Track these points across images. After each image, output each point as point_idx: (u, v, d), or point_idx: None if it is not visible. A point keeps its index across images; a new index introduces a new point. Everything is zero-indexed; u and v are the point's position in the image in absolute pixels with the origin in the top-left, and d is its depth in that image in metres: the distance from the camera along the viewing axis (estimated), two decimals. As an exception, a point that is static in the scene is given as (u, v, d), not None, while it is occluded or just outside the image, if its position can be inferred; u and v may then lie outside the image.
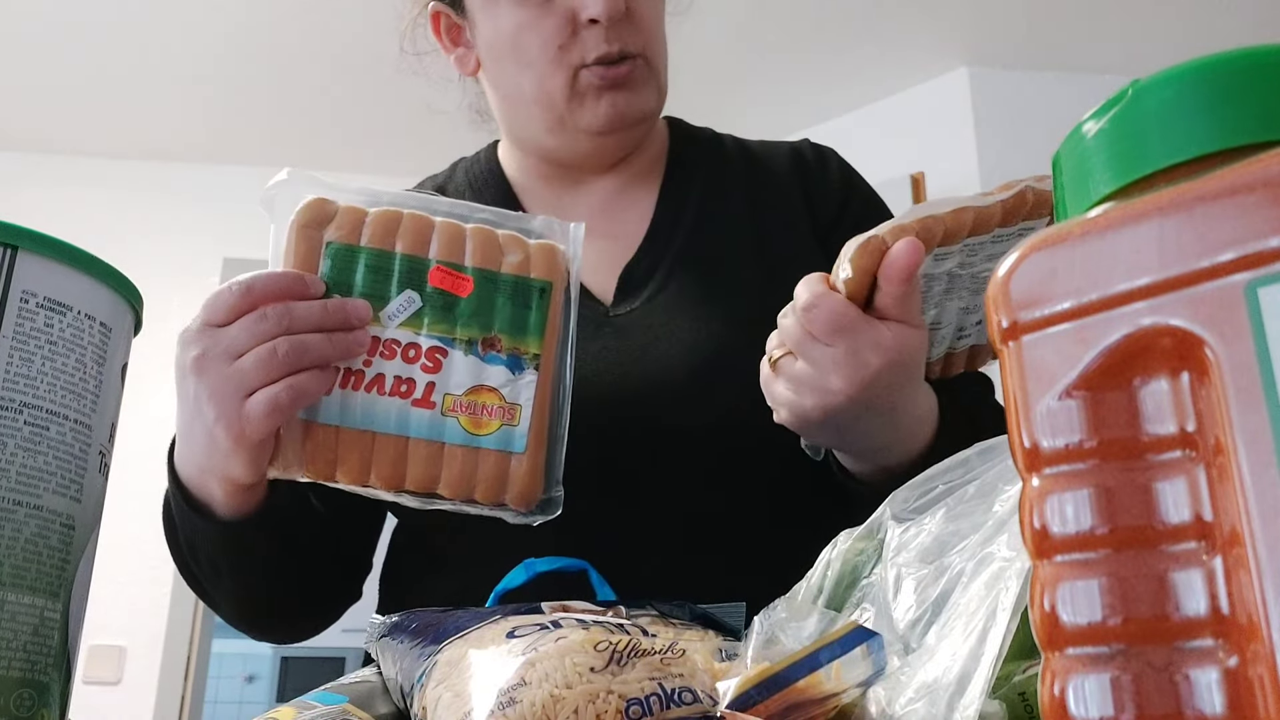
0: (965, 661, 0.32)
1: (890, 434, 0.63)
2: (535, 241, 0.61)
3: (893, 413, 0.62)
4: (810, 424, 0.62)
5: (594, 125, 0.83)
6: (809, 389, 0.60)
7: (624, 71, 0.81)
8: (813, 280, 0.60)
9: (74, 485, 0.38)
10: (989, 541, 0.38)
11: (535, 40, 0.81)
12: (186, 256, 3.40)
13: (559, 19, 0.80)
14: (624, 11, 0.80)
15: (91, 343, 0.40)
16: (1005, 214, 0.59)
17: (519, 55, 0.83)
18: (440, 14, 0.89)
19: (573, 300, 0.62)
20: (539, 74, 0.82)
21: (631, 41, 0.81)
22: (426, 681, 0.40)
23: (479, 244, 0.60)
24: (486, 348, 0.59)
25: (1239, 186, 0.22)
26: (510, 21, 0.82)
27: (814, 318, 0.59)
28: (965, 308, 0.67)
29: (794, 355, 0.61)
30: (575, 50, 0.81)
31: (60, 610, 0.37)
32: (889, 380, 0.59)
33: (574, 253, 0.62)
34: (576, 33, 0.80)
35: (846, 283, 0.58)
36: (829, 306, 0.58)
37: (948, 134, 2.96)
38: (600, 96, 0.82)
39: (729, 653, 0.40)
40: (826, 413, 0.60)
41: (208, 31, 2.86)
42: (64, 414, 0.38)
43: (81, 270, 0.40)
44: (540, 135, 0.86)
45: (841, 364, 0.58)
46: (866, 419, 0.61)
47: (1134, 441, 0.23)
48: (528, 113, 0.85)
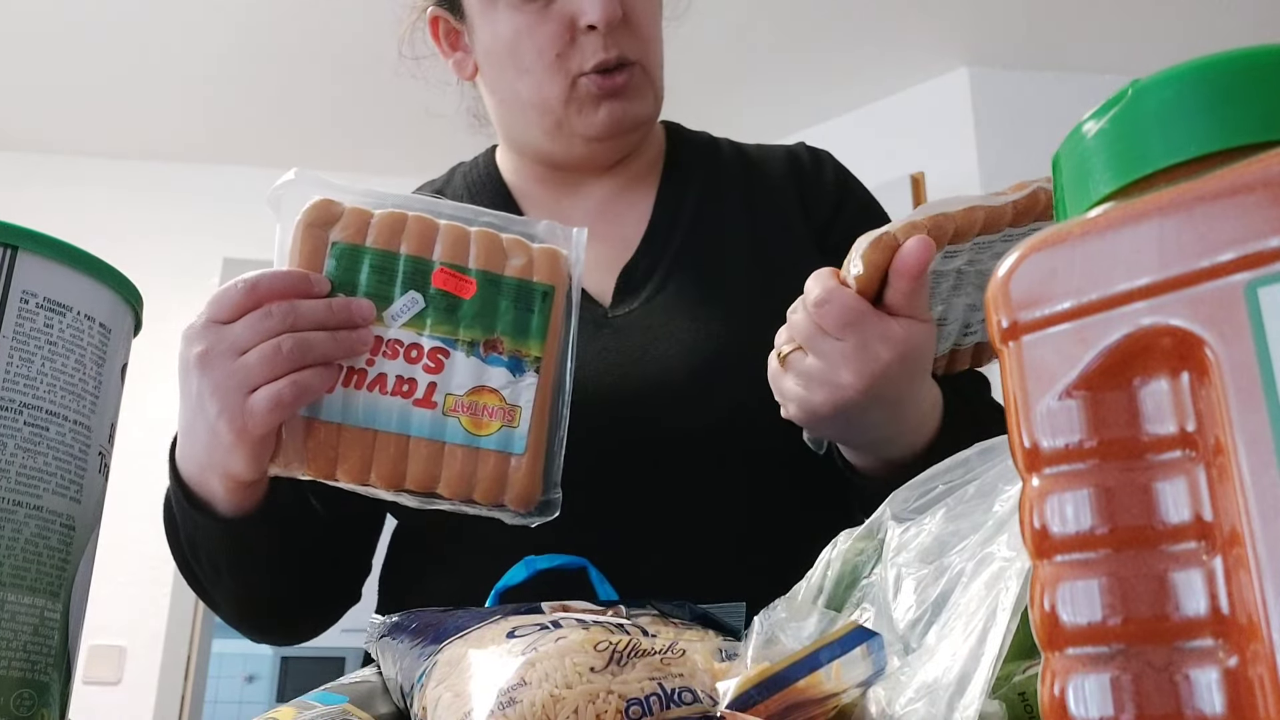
0: (965, 661, 0.32)
1: (895, 427, 0.64)
2: (539, 246, 0.62)
3: (899, 406, 0.62)
4: (819, 418, 0.62)
5: (591, 132, 0.83)
6: (819, 383, 0.61)
7: (621, 81, 0.82)
8: (823, 275, 0.61)
9: (74, 485, 0.38)
10: (989, 541, 0.38)
11: (533, 46, 0.81)
12: (186, 256, 3.40)
13: (557, 25, 0.81)
14: (621, 17, 0.80)
15: (91, 343, 0.40)
16: (1017, 214, 0.59)
17: (517, 61, 0.83)
18: (439, 19, 0.89)
19: (574, 304, 0.62)
20: (537, 80, 0.82)
21: (629, 48, 0.82)
22: (426, 681, 0.40)
23: (483, 247, 0.60)
24: (488, 349, 0.59)
25: (1239, 186, 0.22)
26: (508, 27, 0.82)
27: (826, 312, 0.59)
28: (972, 304, 0.68)
29: (803, 350, 0.61)
30: (573, 57, 0.81)
31: (60, 610, 0.37)
32: (897, 374, 0.59)
33: (576, 257, 0.62)
34: (574, 39, 0.81)
35: (857, 278, 0.58)
36: (840, 301, 0.59)
37: (948, 134, 2.96)
38: (598, 105, 0.82)
39: (729, 653, 0.40)
40: (836, 407, 0.60)
41: (208, 32, 2.86)
42: (64, 414, 0.38)
43: (81, 271, 0.40)
44: (537, 139, 0.87)
45: (851, 358, 0.59)
46: (873, 411, 0.61)
47: (1134, 441, 0.23)
48: (525, 117, 0.86)
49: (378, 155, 3.41)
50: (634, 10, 0.82)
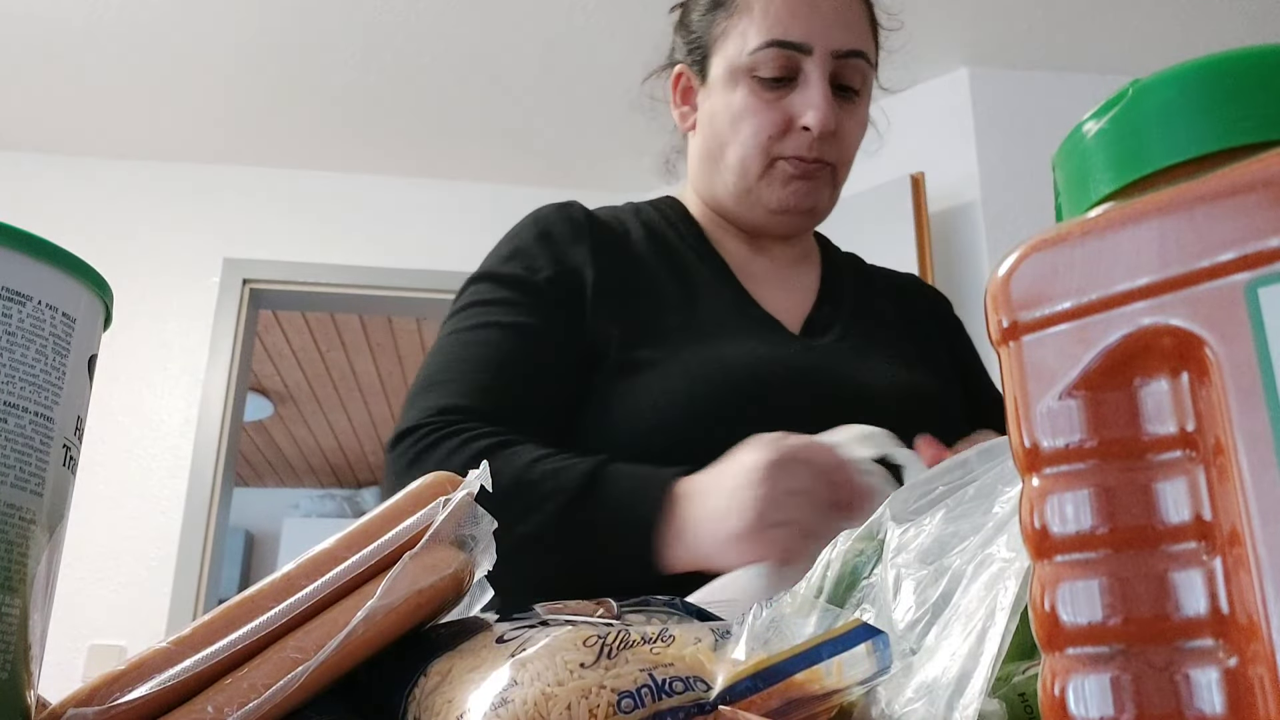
0: (965, 661, 0.32)
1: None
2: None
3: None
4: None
5: (773, 204, 0.99)
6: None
7: (813, 169, 0.98)
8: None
9: (34, 479, 0.38)
10: (989, 543, 0.38)
11: (753, 125, 0.97)
12: (186, 256, 3.40)
13: (779, 116, 0.96)
14: (835, 129, 0.96)
15: (54, 334, 0.39)
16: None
17: (735, 131, 0.98)
18: (684, 75, 1.06)
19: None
20: (744, 152, 0.98)
21: (829, 153, 0.98)
22: (416, 692, 0.40)
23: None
24: None
25: (1239, 186, 0.22)
26: (740, 104, 0.98)
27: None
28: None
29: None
30: (782, 145, 0.97)
31: (19, 606, 0.37)
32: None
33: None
34: (789, 131, 0.97)
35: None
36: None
37: (948, 134, 2.96)
38: (788, 183, 0.98)
39: (722, 643, 0.39)
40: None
41: (210, 32, 2.86)
42: (23, 406, 0.38)
43: (44, 261, 0.39)
44: (724, 197, 1.03)
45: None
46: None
47: (1134, 441, 0.23)
48: (722, 178, 1.02)
49: (379, 156, 3.41)
50: (843, 126, 0.98)
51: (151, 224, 3.43)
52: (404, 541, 0.42)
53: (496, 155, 3.41)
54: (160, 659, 0.38)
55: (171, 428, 3.20)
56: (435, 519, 0.43)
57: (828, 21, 0.97)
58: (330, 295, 3.47)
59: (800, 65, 0.97)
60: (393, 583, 0.40)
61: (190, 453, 3.14)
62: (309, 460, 6.38)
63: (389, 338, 4.68)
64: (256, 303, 3.45)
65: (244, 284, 3.39)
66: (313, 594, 0.40)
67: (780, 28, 0.97)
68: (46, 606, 0.39)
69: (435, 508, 0.44)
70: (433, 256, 3.43)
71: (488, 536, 0.45)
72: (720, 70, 1.00)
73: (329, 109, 3.20)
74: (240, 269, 3.40)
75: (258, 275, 3.39)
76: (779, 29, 0.96)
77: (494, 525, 0.45)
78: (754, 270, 1.05)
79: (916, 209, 2.81)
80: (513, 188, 3.53)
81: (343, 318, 4.50)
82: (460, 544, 0.44)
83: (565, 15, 2.80)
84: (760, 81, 0.97)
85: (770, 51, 0.96)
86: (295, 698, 0.37)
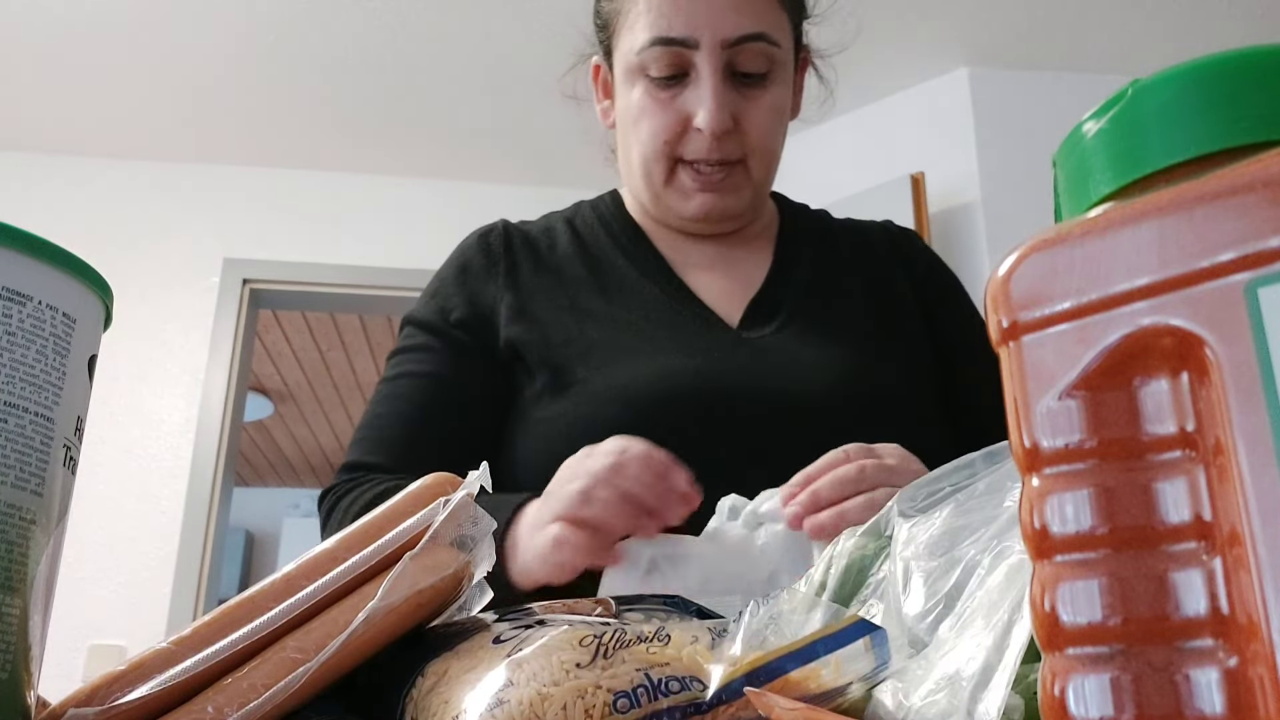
0: (989, 654, 0.32)
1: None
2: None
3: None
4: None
5: (685, 214, 0.96)
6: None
7: (718, 179, 0.93)
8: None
9: (35, 479, 0.38)
10: (1004, 534, 0.37)
11: (650, 127, 0.93)
12: (186, 256, 3.40)
13: (674, 117, 0.91)
14: (731, 126, 0.90)
15: (54, 334, 0.39)
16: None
17: (636, 133, 0.94)
18: (600, 68, 1.03)
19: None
20: (645, 154, 0.94)
21: (732, 151, 0.92)
22: (414, 692, 0.40)
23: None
24: None
25: (1239, 186, 0.22)
26: (637, 104, 0.93)
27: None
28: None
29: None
30: (681, 147, 0.92)
31: (20, 606, 0.37)
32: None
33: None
34: (686, 132, 0.92)
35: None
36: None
37: (948, 134, 2.96)
38: (692, 195, 0.94)
39: (719, 641, 0.39)
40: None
41: (209, 32, 2.86)
42: (24, 406, 0.37)
43: (44, 261, 0.39)
44: (646, 200, 0.99)
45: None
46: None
47: (1134, 441, 0.23)
48: (636, 181, 0.98)
49: (379, 156, 3.41)
50: (745, 117, 0.92)
51: (151, 224, 3.43)
52: (404, 542, 0.42)
53: (496, 155, 3.41)
54: (160, 659, 0.38)
55: (171, 428, 3.20)
56: (435, 520, 0.43)
57: (713, 9, 0.89)
58: (330, 295, 3.47)
59: (690, 60, 0.90)
60: (393, 583, 0.40)
61: (190, 453, 3.14)
62: (309, 460, 6.38)
63: (389, 338, 4.68)
64: (256, 302, 3.46)
65: (244, 284, 3.39)
66: (313, 594, 0.40)
67: (664, 23, 0.90)
68: (47, 606, 0.39)
69: (435, 509, 0.44)
70: (432, 256, 3.42)
71: (487, 537, 0.45)
72: (620, 67, 0.96)
73: (329, 109, 3.20)
74: (240, 269, 3.40)
75: (258, 275, 3.39)
76: (662, 24, 0.90)
77: (493, 526, 0.45)
78: (693, 259, 0.99)
79: (916, 209, 2.81)
80: (512, 188, 3.53)
81: (343, 318, 4.50)
82: (460, 545, 0.44)
83: (565, 15, 2.80)
84: (653, 81, 0.92)
85: (655, 50, 0.90)
86: (295, 698, 0.37)
